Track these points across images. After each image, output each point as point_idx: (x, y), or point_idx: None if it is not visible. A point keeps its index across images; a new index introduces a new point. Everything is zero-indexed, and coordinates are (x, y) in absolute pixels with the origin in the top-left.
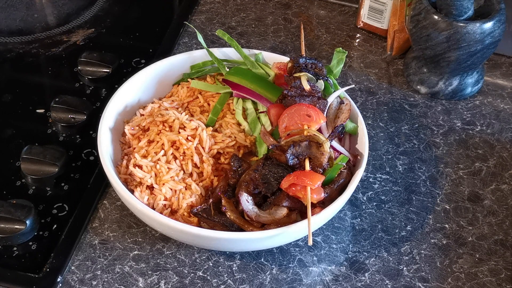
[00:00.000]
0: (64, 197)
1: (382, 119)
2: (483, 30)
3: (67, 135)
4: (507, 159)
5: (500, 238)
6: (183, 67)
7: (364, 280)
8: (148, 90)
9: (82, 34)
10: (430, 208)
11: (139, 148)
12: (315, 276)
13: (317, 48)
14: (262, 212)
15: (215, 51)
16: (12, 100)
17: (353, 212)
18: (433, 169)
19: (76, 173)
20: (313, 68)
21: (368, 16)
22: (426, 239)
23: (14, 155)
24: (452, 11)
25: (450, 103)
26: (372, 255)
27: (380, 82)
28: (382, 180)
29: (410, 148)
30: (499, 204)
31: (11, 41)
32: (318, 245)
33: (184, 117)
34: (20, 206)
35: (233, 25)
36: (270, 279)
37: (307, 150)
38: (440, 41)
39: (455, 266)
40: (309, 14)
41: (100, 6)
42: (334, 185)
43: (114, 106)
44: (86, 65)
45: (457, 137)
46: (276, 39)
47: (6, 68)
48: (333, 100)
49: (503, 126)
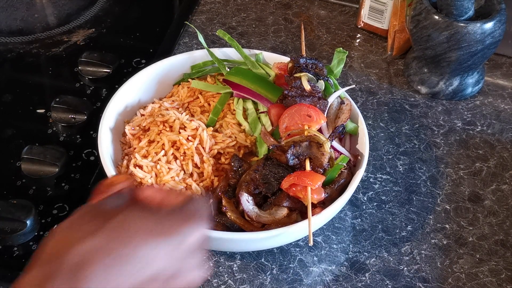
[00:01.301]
0: (64, 197)
1: (383, 119)
2: (484, 30)
3: (68, 135)
4: (508, 159)
5: (501, 238)
6: (183, 67)
7: (365, 280)
8: (149, 90)
9: (83, 34)
10: (430, 208)
11: (140, 148)
12: (316, 276)
13: (318, 48)
14: (262, 212)
15: (216, 51)
16: (13, 100)
17: (354, 212)
18: (434, 169)
19: (77, 173)
20: (314, 68)
21: (369, 16)
22: (426, 239)
23: (14, 155)
24: (453, 11)
25: (450, 103)
26: (373, 255)
27: (380, 82)
28: (382, 180)
29: (410, 148)
30: (500, 204)
31: (12, 41)
32: (319, 245)
33: (184, 117)
34: (20, 206)
35: (234, 25)
36: (270, 279)
37: (308, 150)
38: (440, 41)
39: (456, 266)
40: (309, 14)
41: (101, 6)
42: (335, 185)
43: (114, 106)
44: (86, 65)
45: (458, 137)
46: (277, 39)
47: (6, 68)
48: (334, 100)
49: (503, 126)
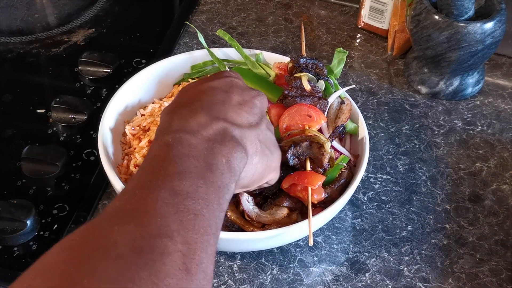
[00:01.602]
0: (64, 197)
1: (383, 119)
2: (484, 30)
3: (68, 135)
4: (508, 159)
5: (501, 238)
6: (183, 67)
7: (365, 281)
8: (149, 90)
9: (83, 34)
10: (430, 208)
11: (140, 148)
12: (316, 276)
13: (318, 48)
14: (262, 212)
15: (216, 51)
16: (13, 100)
17: (354, 212)
18: (434, 169)
19: (77, 173)
20: (314, 68)
21: (369, 16)
22: (426, 239)
23: (14, 155)
24: (453, 11)
25: (450, 103)
26: (373, 255)
27: (380, 82)
28: (382, 180)
29: (410, 148)
30: (500, 204)
31: (12, 41)
32: (319, 245)
33: None
34: (20, 206)
35: (234, 25)
36: (270, 279)
37: (308, 150)
38: (440, 41)
39: (456, 266)
40: (309, 14)
41: (101, 6)
42: (335, 185)
43: (114, 106)
44: (86, 65)
45: (458, 137)
46: (277, 39)
47: (6, 68)
48: (334, 100)
49: (503, 126)
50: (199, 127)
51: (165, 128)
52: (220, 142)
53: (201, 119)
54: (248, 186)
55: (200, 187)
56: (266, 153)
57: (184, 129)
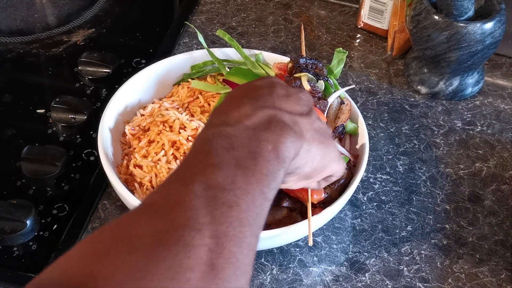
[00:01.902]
0: (64, 197)
1: (383, 119)
2: (484, 31)
3: (68, 135)
4: (508, 159)
5: (501, 238)
6: (183, 67)
7: (365, 281)
8: (149, 90)
9: (83, 34)
10: (430, 208)
11: (140, 148)
12: (316, 277)
13: (318, 48)
14: None
15: (216, 51)
16: (13, 100)
17: (354, 213)
18: (434, 170)
19: (77, 173)
20: (314, 68)
21: (369, 16)
22: (426, 239)
23: (14, 155)
24: (453, 11)
25: (450, 103)
26: (373, 255)
27: (380, 82)
28: (382, 181)
29: (410, 148)
30: (500, 204)
31: (12, 41)
32: (319, 245)
33: (184, 117)
34: (20, 206)
35: (234, 25)
36: (270, 279)
37: None
38: (440, 41)
39: (456, 266)
40: (309, 14)
41: (101, 6)
42: (335, 185)
43: (114, 106)
44: (86, 65)
45: (458, 138)
46: (277, 39)
47: (6, 68)
48: (334, 101)
49: (503, 127)
50: (241, 118)
51: (207, 125)
52: (265, 129)
53: (245, 110)
54: (311, 176)
55: (238, 177)
56: (322, 141)
57: (225, 122)
